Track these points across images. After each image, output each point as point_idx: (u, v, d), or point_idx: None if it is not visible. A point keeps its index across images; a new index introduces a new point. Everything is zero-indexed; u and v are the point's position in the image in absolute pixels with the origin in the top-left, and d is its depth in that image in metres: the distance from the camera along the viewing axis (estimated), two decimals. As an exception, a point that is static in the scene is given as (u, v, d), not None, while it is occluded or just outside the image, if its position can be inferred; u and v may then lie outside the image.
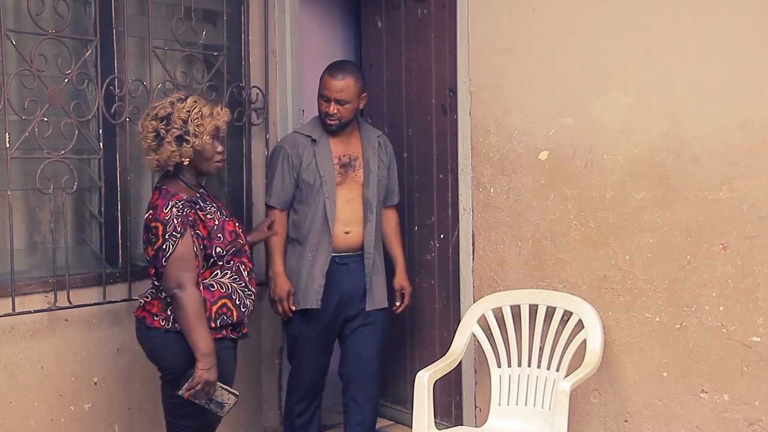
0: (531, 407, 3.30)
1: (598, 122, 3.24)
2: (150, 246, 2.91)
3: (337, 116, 3.54)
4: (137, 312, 3.05)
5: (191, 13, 3.72)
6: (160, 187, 2.98)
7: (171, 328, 2.92)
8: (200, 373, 2.86)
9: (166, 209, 2.88)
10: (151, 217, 2.92)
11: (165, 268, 2.87)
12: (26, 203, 3.47)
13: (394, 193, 3.81)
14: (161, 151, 2.93)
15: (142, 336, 3.04)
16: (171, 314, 2.93)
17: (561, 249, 3.37)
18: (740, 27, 2.87)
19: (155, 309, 2.96)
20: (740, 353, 2.91)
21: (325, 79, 3.55)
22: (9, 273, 3.22)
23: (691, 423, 3.04)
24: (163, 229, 2.87)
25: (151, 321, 2.96)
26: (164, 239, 2.86)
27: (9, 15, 3.28)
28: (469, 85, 3.67)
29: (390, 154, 3.78)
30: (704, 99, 2.95)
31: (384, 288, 3.72)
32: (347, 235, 3.61)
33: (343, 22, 4.82)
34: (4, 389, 3.26)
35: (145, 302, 3.03)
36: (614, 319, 3.22)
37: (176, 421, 3.03)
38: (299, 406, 3.72)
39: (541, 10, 3.39)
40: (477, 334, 3.44)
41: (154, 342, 2.98)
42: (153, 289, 3.02)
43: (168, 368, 2.97)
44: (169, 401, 3.03)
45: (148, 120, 2.96)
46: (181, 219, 2.88)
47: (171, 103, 2.96)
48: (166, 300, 2.94)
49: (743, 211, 2.87)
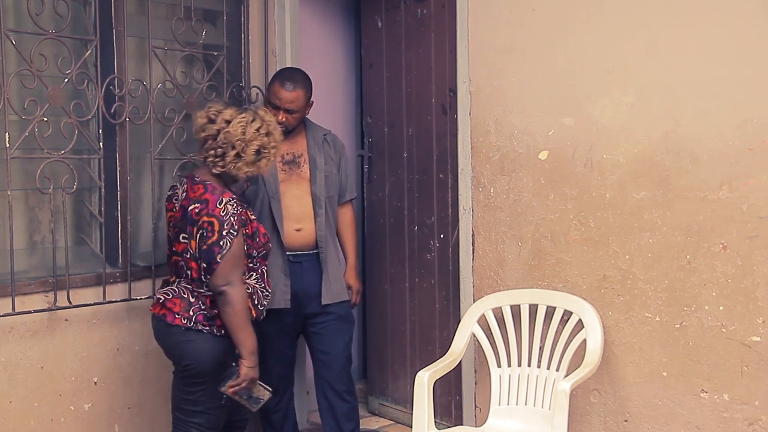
0: (531, 407, 3.30)
1: (598, 122, 3.24)
2: (200, 240, 2.92)
3: (284, 123, 3.58)
4: (155, 310, 3.07)
5: (191, 13, 3.72)
6: (204, 182, 2.99)
7: (192, 326, 2.96)
8: (246, 371, 2.95)
9: (221, 205, 2.92)
10: (199, 210, 2.93)
11: (219, 264, 2.90)
12: (26, 203, 3.47)
13: (347, 190, 3.84)
14: (260, 166, 3.02)
15: (162, 333, 3.06)
16: (193, 314, 2.97)
17: (561, 249, 3.37)
18: (740, 27, 2.87)
19: (177, 308, 2.99)
20: (740, 353, 2.91)
21: (276, 89, 3.58)
22: (9, 273, 3.21)
23: (691, 423, 3.04)
24: (219, 226, 2.90)
25: (172, 319, 3.00)
26: (221, 236, 2.90)
27: (9, 15, 3.28)
28: (469, 85, 3.67)
29: (339, 151, 3.80)
30: (704, 99, 2.95)
31: (342, 281, 3.76)
32: (299, 233, 3.63)
33: (343, 22, 4.82)
34: (4, 389, 3.26)
35: (165, 299, 3.04)
36: (614, 318, 3.22)
37: (186, 417, 3.05)
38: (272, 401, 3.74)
39: (541, 10, 3.39)
40: (477, 334, 3.44)
41: (175, 339, 3.01)
42: (177, 288, 3.04)
43: (187, 365, 3.00)
44: (182, 398, 3.06)
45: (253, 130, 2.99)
46: (237, 217, 2.94)
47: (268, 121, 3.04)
48: (188, 299, 2.98)
49: (743, 211, 2.87)
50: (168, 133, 3.64)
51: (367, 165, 4.46)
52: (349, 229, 3.89)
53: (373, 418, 4.44)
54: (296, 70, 3.74)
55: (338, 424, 3.73)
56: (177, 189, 3.11)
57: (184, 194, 3.03)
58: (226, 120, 3.00)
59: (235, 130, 2.98)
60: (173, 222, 3.07)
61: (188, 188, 3.03)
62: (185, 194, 3.03)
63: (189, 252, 2.98)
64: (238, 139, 2.98)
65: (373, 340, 4.52)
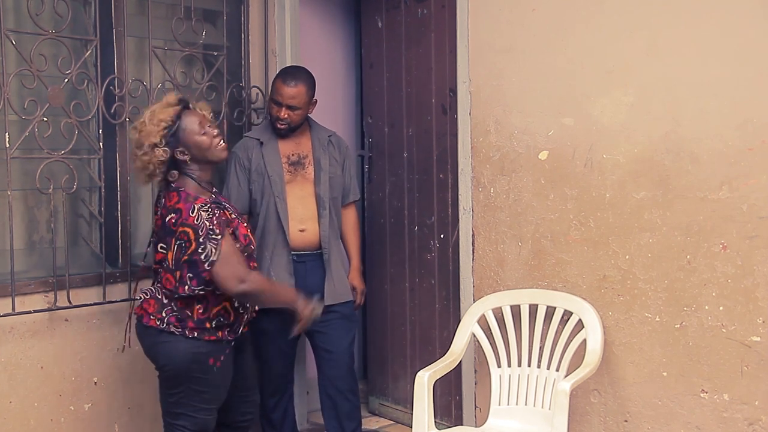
0: (531, 407, 3.30)
1: (598, 122, 3.24)
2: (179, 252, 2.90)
3: (287, 120, 3.60)
4: (136, 310, 3.08)
5: (191, 13, 3.72)
6: (178, 189, 2.95)
7: (165, 328, 2.96)
8: (305, 314, 3.15)
9: (193, 213, 2.88)
10: (175, 221, 2.90)
11: (211, 272, 2.88)
12: (26, 203, 3.47)
13: (351, 191, 3.85)
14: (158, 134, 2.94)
15: (139, 333, 3.08)
16: (165, 315, 2.96)
17: (561, 249, 3.37)
18: (740, 27, 2.87)
19: (151, 309, 2.99)
20: (740, 353, 2.91)
21: (278, 85, 3.60)
22: (9, 273, 3.22)
23: (691, 423, 3.04)
24: (195, 234, 2.87)
25: (147, 320, 3.00)
26: (198, 243, 2.86)
27: (9, 15, 3.28)
28: (469, 85, 3.67)
29: (344, 152, 3.81)
30: (704, 99, 2.95)
31: (346, 282, 3.76)
32: (303, 233, 3.64)
33: (343, 22, 4.82)
34: (4, 389, 3.26)
35: (143, 299, 3.05)
36: (614, 318, 3.22)
37: (172, 420, 3.05)
38: (272, 400, 3.78)
39: (541, 10, 3.39)
40: (477, 334, 3.44)
41: (150, 340, 3.02)
42: (152, 288, 3.04)
43: (162, 366, 3.01)
44: (165, 401, 3.06)
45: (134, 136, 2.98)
46: (216, 221, 2.89)
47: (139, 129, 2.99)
48: (161, 300, 2.97)
49: (743, 211, 2.87)
50: (168, 133, 3.64)
51: (367, 165, 4.46)
52: (353, 230, 3.89)
53: (373, 418, 4.44)
54: (299, 68, 3.75)
55: (340, 423, 3.73)
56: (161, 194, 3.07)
57: (162, 201, 3.00)
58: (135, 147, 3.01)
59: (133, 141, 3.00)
60: (155, 230, 3.05)
61: (164, 196, 3.00)
62: (163, 201, 3.00)
63: (165, 263, 2.95)
64: (135, 146, 2.98)
65: (374, 340, 4.52)
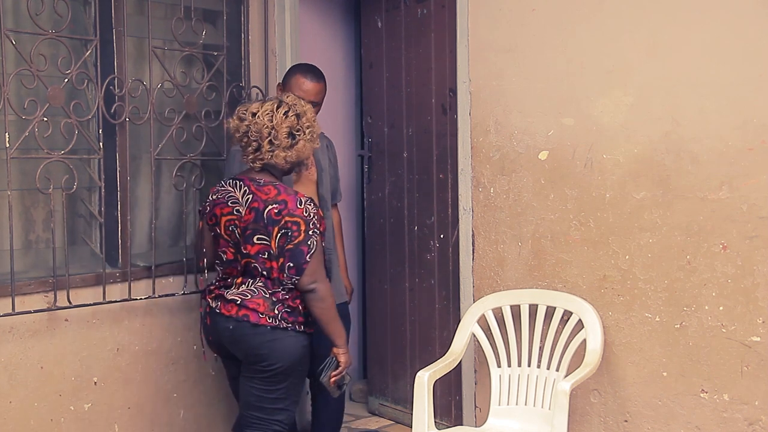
0: (531, 407, 3.30)
1: (598, 122, 3.24)
2: (283, 240, 2.95)
3: None
4: (231, 311, 3.04)
5: (191, 13, 3.71)
6: (272, 183, 3.02)
7: (278, 325, 3.01)
8: (345, 359, 3.07)
9: (301, 205, 2.98)
10: (279, 211, 2.96)
11: (308, 264, 2.96)
12: (26, 203, 3.47)
13: (337, 192, 3.87)
14: (298, 149, 3.02)
15: (244, 334, 3.03)
16: (278, 312, 3.00)
17: (561, 249, 3.37)
18: (740, 27, 2.87)
19: (262, 308, 3.01)
20: (740, 353, 2.91)
21: (300, 81, 3.53)
22: (9, 273, 3.21)
23: (691, 423, 3.04)
24: (305, 226, 2.96)
25: (257, 319, 3.01)
26: (307, 235, 2.96)
27: (8, 15, 3.28)
28: (469, 85, 3.67)
29: (334, 154, 3.83)
30: (704, 99, 2.95)
31: (343, 282, 3.78)
32: None
33: (343, 22, 4.82)
34: (4, 389, 3.26)
35: (243, 300, 3.03)
36: (614, 318, 3.22)
37: (268, 416, 3.07)
38: None
39: (541, 10, 3.39)
40: (477, 334, 3.44)
41: (260, 339, 3.01)
42: (254, 288, 3.03)
43: (273, 364, 3.01)
44: (263, 397, 3.06)
45: (280, 115, 2.99)
46: (318, 217, 3.00)
47: (294, 103, 3.04)
48: (271, 299, 3.00)
49: (743, 211, 2.87)
50: (168, 133, 3.64)
51: (367, 165, 4.46)
52: (339, 230, 3.91)
53: (373, 418, 4.44)
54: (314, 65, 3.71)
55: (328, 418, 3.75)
56: (228, 192, 3.06)
57: (250, 196, 3.00)
58: (252, 113, 3.02)
59: (262, 120, 3.00)
60: (239, 224, 3.02)
61: (254, 191, 3.01)
62: (251, 196, 3.00)
63: (267, 252, 2.99)
64: (265, 128, 2.99)
65: (373, 340, 4.52)
